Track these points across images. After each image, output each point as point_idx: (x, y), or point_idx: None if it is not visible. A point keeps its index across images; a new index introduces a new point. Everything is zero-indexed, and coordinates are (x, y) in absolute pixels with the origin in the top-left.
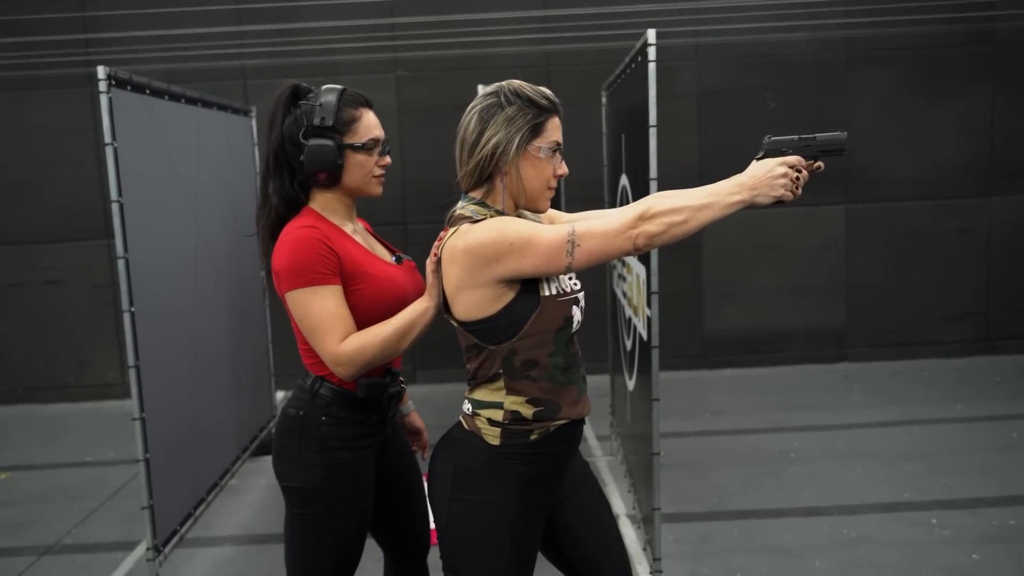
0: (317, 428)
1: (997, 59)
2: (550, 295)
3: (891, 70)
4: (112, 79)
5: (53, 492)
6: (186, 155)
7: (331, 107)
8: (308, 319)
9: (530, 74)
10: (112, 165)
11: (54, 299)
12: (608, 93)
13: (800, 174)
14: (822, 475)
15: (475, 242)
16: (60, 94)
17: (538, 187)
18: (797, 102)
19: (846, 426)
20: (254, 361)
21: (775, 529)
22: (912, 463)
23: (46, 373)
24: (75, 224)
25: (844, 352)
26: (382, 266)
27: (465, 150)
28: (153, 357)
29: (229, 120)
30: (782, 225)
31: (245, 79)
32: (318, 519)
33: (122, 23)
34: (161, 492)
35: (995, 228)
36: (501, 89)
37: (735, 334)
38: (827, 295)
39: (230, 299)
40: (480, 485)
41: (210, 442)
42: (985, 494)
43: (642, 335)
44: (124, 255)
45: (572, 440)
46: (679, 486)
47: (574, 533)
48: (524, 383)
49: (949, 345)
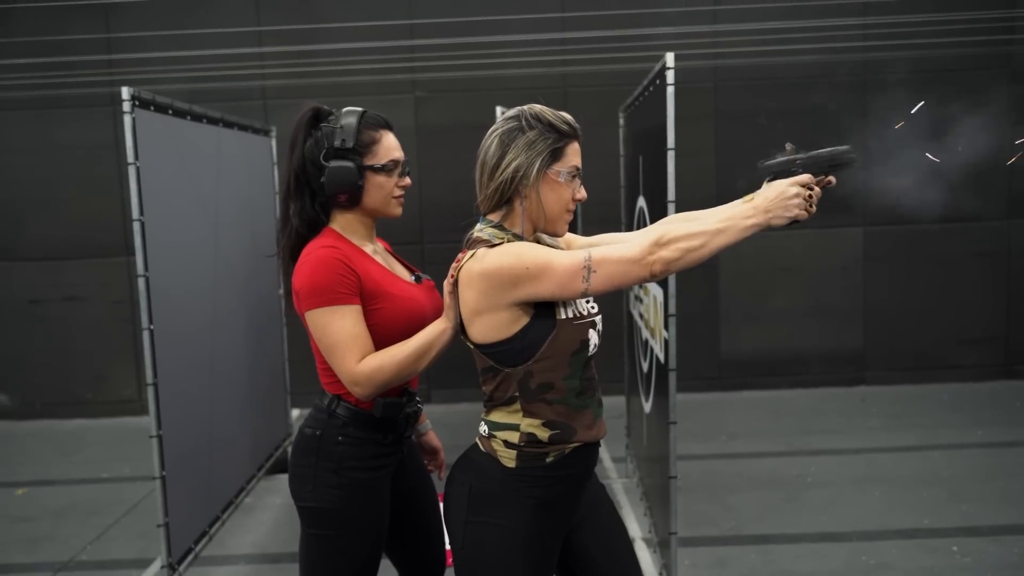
0: (334, 448)
1: (1016, 82)
2: (566, 318)
3: (909, 93)
4: (136, 100)
5: (69, 508)
6: (206, 174)
7: (352, 129)
8: (327, 338)
9: (548, 96)
10: (134, 184)
11: (73, 315)
12: (626, 115)
13: (813, 191)
14: (840, 500)
15: (492, 266)
16: (84, 113)
17: (557, 211)
18: (815, 125)
19: (864, 450)
20: (270, 379)
21: (792, 554)
22: (932, 489)
23: (64, 389)
24: (95, 241)
25: (862, 375)
26: (402, 286)
27: (485, 173)
28: (171, 375)
29: (249, 140)
30: (799, 247)
31: (265, 99)
32: (333, 540)
33: (145, 44)
34: (176, 510)
35: (1015, 251)
36: (522, 113)
37: (752, 356)
38: (845, 318)
39: (247, 317)
40: (496, 508)
41: (226, 460)
42: (1006, 521)
43: (659, 357)
44: (144, 273)
45: (587, 463)
46: (695, 509)
47: (590, 556)
48: (540, 406)
49: (968, 369)
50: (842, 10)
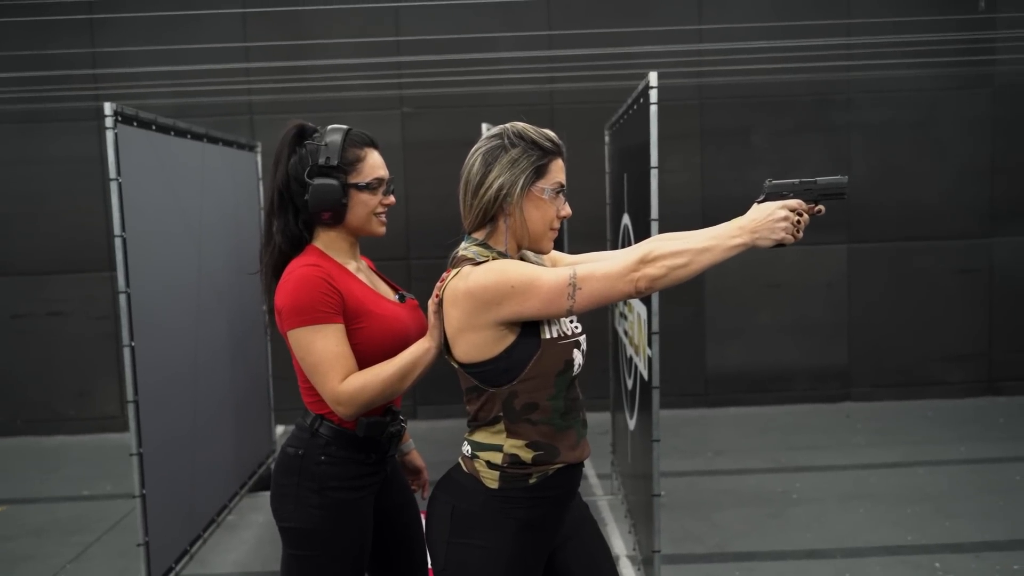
0: (316, 467)
1: (997, 102)
2: (551, 338)
3: (892, 112)
4: (118, 115)
5: (50, 526)
6: (190, 190)
7: (336, 147)
8: (309, 357)
9: (534, 113)
10: (116, 200)
11: (56, 331)
12: (611, 133)
13: (801, 218)
14: (825, 516)
15: (477, 285)
16: (68, 127)
17: (541, 228)
18: (799, 143)
19: (849, 467)
20: (254, 396)
21: (777, 571)
22: (916, 505)
23: (46, 405)
24: (79, 256)
25: (847, 392)
26: (385, 304)
27: (469, 191)
28: (153, 392)
29: (234, 155)
30: (785, 264)
31: (252, 115)
32: (315, 560)
33: (131, 59)
34: (157, 528)
35: (996, 269)
36: (505, 131)
37: (738, 373)
38: (830, 334)
39: (231, 334)
40: (478, 529)
41: (208, 478)
42: (990, 538)
43: (643, 374)
44: (126, 290)
45: (571, 484)
46: (680, 526)
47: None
48: (524, 426)
49: (952, 386)
50: (826, 30)
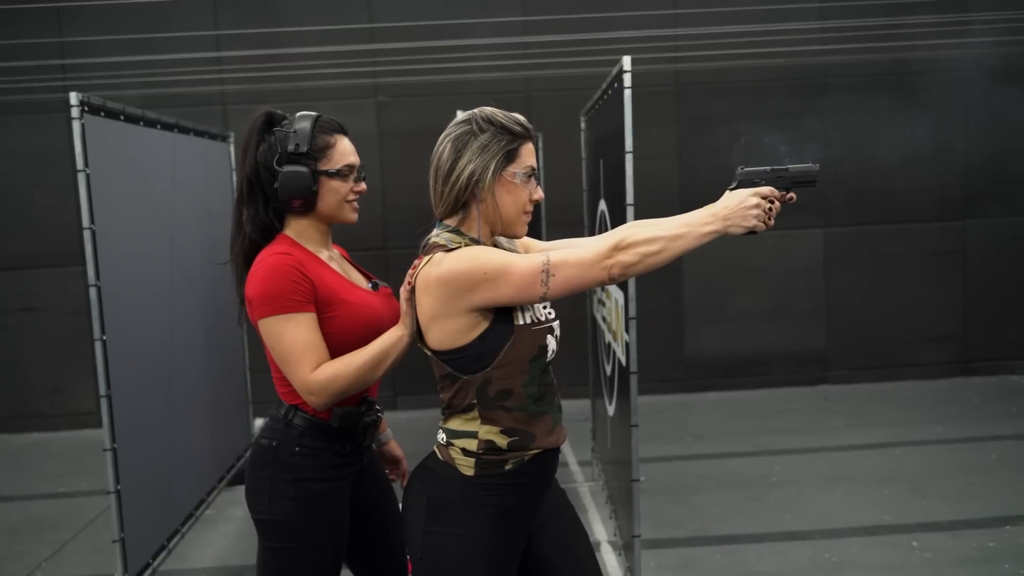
0: (291, 459)
1: (970, 85)
2: (524, 324)
3: (867, 96)
4: (85, 105)
5: (24, 524)
6: (161, 181)
7: (306, 134)
8: (281, 347)
9: (510, 100)
10: (84, 192)
11: (29, 326)
12: (587, 119)
13: (773, 205)
14: (803, 499)
15: (449, 271)
16: (36, 119)
17: (514, 213)
18: (775, 127)
19: (827, 449)
20: (231, 389)
21: (757, 554)
22: (893, 486)
23: (20, 402)
24: (51, 251)
25: (825, 375)
26: (358, 293)
27: (440, 178)
28: (126, 386)
29: (206, 146)
30: (762, 249)
31: (225, 105)
32: (291, 552)
33: (101, 49)
34: (133, 524)
35: (971, 251)
36: (474, 116)
37: (717, 358)
38: (807, 318)
39: (206, 326)
40: (454, 517)
41: (185, 472)
42: (965, 516)
43: (621, 360)
44: (96, 283)
45: (547, 470)
46: (661, 511)
47: (550, 564)
48: (498, 413)
49: (928, 367)
50: (800, 14)
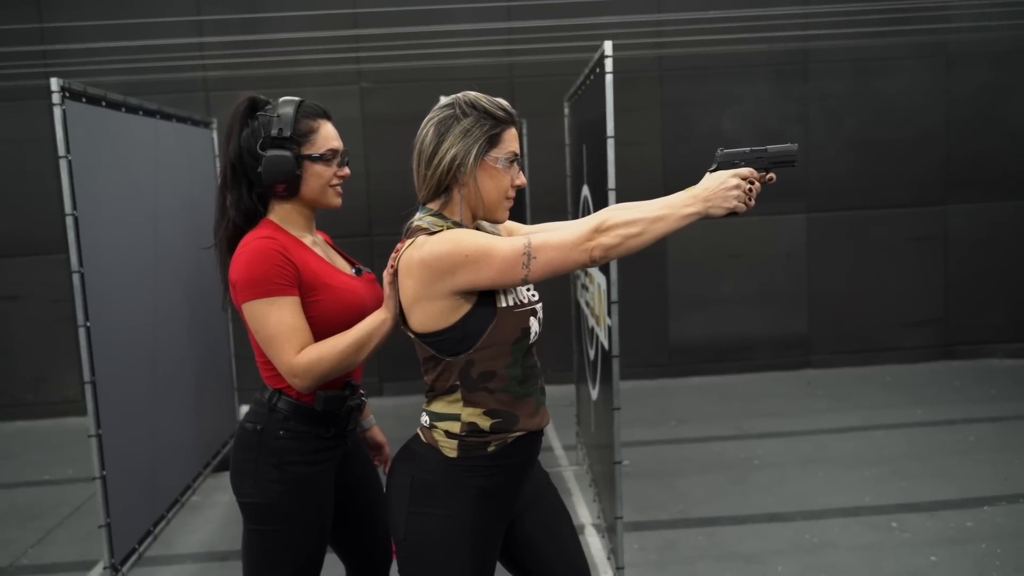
0: (275, 442)
1: (951, 71)
2: (507, 306)
3: (848, 81)
4: (66, 91)
5: (9, 512)
6: (144, 168)
7: (289, 118)
8: (264, 330)
9: (494, 85)
10: (66, 178)
11: (12, 314)
12: (570, 104)
13: (753, 186)
14: (785, 481)
15: (431, 254)
16: (17, 106)
17: (496, 198)
18: (758, 112)
19: (809, 432)
20: (216, 374)
21: (739, 535)
22: (873, 468)
23: (4, 390)
24: (33, 238)
25: (807, 359)
26: (341, 278)
27: (422, 162)
28: (110, 372)
29: (189, 132)
30: (745, 234)
31: (207, 91)
32: (276, 535)
33: (82, 34)
34: (119, 510)
35: (952, 236)
36: (457, 101)
37: (700, 342)
38: (790, 303)
39: (190, 312)
40: (437, 498)
41: (171, 458)
42: (944, 497)
43: (604, 344)
44: (79, 269)
45: (530, 452)
46: (644, 494)
47: (534, 545)
48: (481, 395)
49: (909, 351)
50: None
